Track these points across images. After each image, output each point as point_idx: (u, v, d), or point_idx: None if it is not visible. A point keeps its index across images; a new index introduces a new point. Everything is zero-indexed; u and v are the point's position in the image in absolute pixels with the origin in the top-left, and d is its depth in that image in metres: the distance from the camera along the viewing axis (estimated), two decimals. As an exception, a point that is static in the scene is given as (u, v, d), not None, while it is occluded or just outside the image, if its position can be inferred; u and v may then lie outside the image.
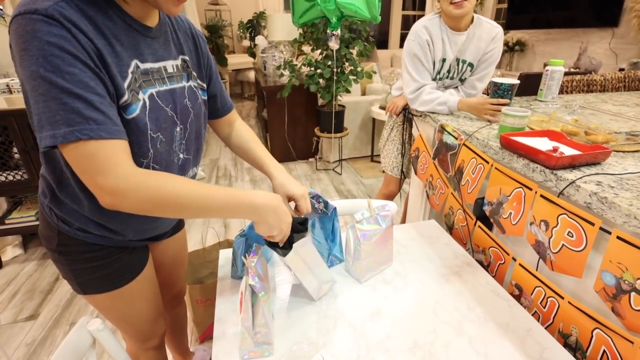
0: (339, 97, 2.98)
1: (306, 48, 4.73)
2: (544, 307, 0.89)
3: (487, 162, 1.04)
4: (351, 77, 2.83)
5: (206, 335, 1.51)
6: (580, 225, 0.76)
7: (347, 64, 2.83)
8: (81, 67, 0.54)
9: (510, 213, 0.96)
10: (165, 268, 1.01)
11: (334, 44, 2.37)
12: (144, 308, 0.89)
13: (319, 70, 2.80)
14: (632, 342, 0.69)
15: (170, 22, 0.75)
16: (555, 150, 0.91)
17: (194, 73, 0.79)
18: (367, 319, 0.82)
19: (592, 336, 0.77)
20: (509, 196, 0.96)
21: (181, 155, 0.77)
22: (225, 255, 1.05)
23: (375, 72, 3.17)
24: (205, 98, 0.83)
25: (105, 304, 0.83)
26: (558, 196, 0.82)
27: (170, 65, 0.72)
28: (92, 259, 0.77)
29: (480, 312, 0.84)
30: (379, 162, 3.40)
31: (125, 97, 0.61)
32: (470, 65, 1.46)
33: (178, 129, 0.74)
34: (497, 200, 1.01)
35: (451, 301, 0.88)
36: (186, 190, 0.60)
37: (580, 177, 0.80)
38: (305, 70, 2.94)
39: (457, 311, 0.85)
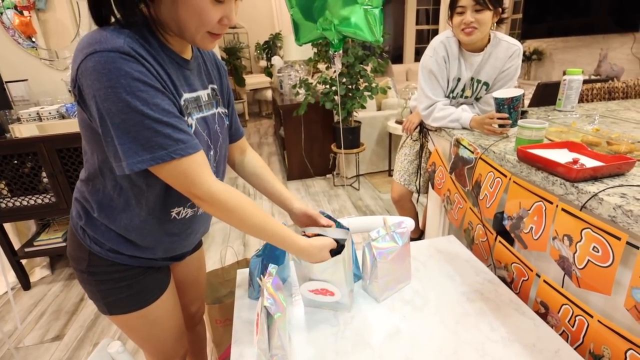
0: (354, 113, 3.00)
1: (321, 66, 4.82)
2: (573, 327, 0.85)
3: (505, 176, 1.02)
4: (366, 93, 2.85)
5: (226, 356, 1.50)
6: (606, 240, 0.73)
7: (361, 80, 2.85)
8: (161, 96, 0.62)
9: (532, 227, 0.93)
10: (185, 287, 1.03)
11: (337, 65, 2.40)
12: (168, 327, 0.90)
13: (334, 88, 2.84)
14: (671, 365, 0.65)
15: (200, 53, 0.80)
16: (575, 162, 0.88)
17: (221, 100, 0.84)
18: (386, 339, 0.81)
19: (625, 357, 0.73)
20: (529, 210, 0.93)
21: None
22: (243, 275, 1.05)
23: (390, 88, 3.18)
24: (228, 123, 0.88)
25: (130, 324, 0.86)
26: (580, 210, 0.79)
27: (204, 94, 0.77)
28: (119, 279, 0.80)
29: (504, 332, 0.81)
30: (397, 176, 3.39)
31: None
32: (486, 84, 1.44)
33: (212, 152, 0.79)
34: (517, 215, 0.98)
35: (473, 321, 0.85)
36: (254, 217, 0.72)
37: (603, 190, 0.77)
38: (320, 88, 2.99)
39: (480, 331, 0.82)
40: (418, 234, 2.11)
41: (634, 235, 0.71)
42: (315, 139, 3.39)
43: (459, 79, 1.40)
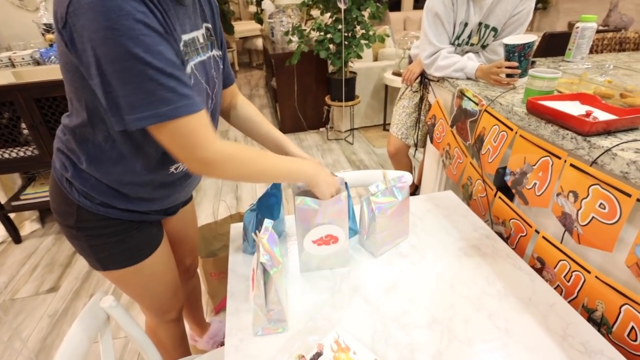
0: (350, 64, 2.85)
1: (315, 12, 4.50)
2: (568, 282, 0.85)
3: (511, 129, 0.97)
4: (363, 41, 2.69)
5: (221, 307, 1.54)
6: (615, 197, 0.70)
7: (358, 27, 2.67)
8: (165, 44, 0.54)
9: (535, 183, 0.91)
10: (178, 240, 1.01)
11: (342, 3, 2.22)
12: (162, 282, 0.89)
13: (329, 35, 2.66)
14: (666, 319, 0.65)
15: None
16: (588, 114, 0.83)
17: (216, 42, 0.76)
18: (383, 294, 0.80)
19: (619, 312, 0.73)
20: (534, 165, 0.90)
21: None
22: (236, 230, 1.03)
23: (388, 36, 3.00)
24: (222, 67, 0.80)
25: (124, 279, 0.83)
26: (591, 165, 0.76)
27: (200, 34, 0.69)
28: (111, 234, 0.76)
29: (500, 287, 0.81)
30: (392, 131, 3.32)
31: (187, 73, 0.61)
32: (494, 30, 1.33)
33: (210, 101, 0.72)
34: (521, 170, 0.95)
35: (470, 275, 0.85)
36: (262, 163, 0.69)
37: (617, 144, 0.73)
38: (314, 35, 2.81)
39: (476, 285, 0.82)
40: (413, 189, 2.10)
41: (644, 192, 0.69)
42: (308, 90, 3.25)
43: (466, 24, 1.30)
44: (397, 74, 2.95)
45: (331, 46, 2.74)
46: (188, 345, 1.13)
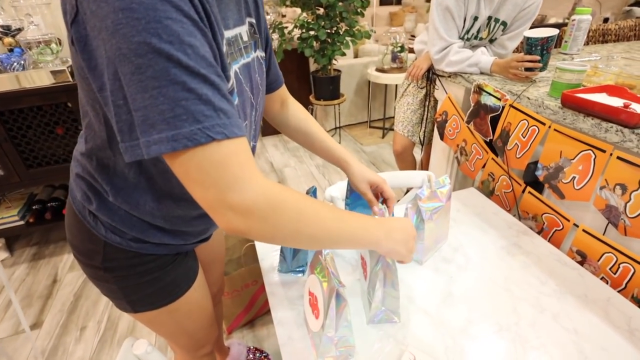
0: (333, 61, 2.79)
1: (284, 10, 4.38)
2: (614, 274, 0.85)
3: (543, 124, 0.96)
4: (348, 38, 2.63)
5: (234, 326, 1.44)
6: (673, 188, 0.70)
7: (342, 23, 2.62)
8: (200, 37, 0.39)
9: (574, 177, 0.90)
10: (208, 267, 0.90)
11: None
12: (201, 316, 0.78)
13: (312, 32, 2.58)
14: None
15: None
16: (626, 106, 0.83)
17: (260, 40, 0.64)
18: (441, 303, 0.77)
19: (678, 301, 0.74)
20: (573, 159, 0.89)
21: (251, 144, 0.64)
22: (262, 247, 0.94)
23: (374, 32, 2.95)
24: (266, 70, 0.68)
25: (159, 319, 0.72)
26: (643, 157, 0.76)
27: (244, 31, 0.56)
28: (145, 272, 0.64)
29: (554, 285, 0.80)
30: (378, 127, 3.31)
31: (232, 81, 0.48)
32: (504, 24, 1.32)
33: (254, 113, 0.61)
34: (556, 165, 0.94)
35: (520, 275, 0.83)
36: (325, 218, 0.49)
37: (670, 135, 0.74)
38: (296, 32, 2.72)
39: (531, 286, 0.80)
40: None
41: (702, 182, 0.69)
42: (290, 89, 3.05)
43: (476, 18, 1.28)
44: (381, 70, 2.93)
45: (314, 44, 2.67)
46: (220, 379, 1.03)
